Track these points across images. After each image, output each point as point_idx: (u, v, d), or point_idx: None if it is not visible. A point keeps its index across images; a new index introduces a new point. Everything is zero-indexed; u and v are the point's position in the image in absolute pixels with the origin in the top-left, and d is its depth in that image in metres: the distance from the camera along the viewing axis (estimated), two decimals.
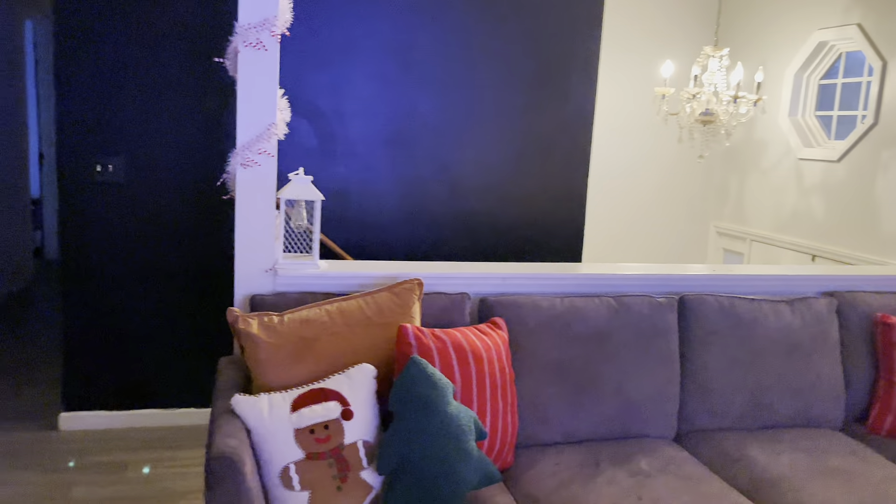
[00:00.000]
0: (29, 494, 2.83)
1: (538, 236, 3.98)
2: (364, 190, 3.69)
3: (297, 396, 1.89)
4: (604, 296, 2.57)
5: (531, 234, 3.96)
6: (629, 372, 2.49)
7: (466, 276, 2.55)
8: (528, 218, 3.94)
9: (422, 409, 1.89)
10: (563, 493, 2.09)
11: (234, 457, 1.63)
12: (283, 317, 2.08)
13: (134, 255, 3.41)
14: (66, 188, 3.30)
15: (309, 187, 2.39)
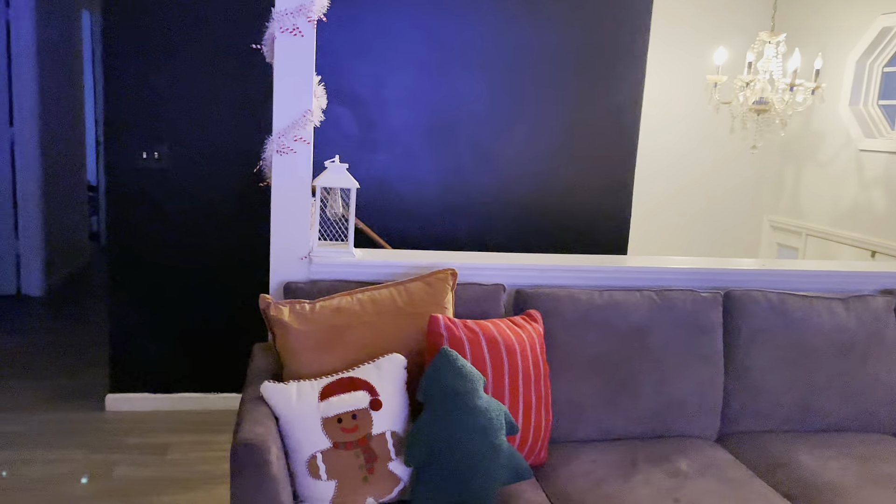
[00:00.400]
0: (74, 472, 2.91)
1: (582, 228, 3.89)
2: (405, 179, 3.66)
3: (326, 385, 1.87)
4: (645, 290, 2.49)
5: (575, 226, 3.88)
6: (670, 369, 2.41)
7: (503, 267, 2.50)
8: (572, 209, 3.86)
9: (451, 402, 1.86)
10: (598, 493, 2.03)
11: (259, 444, 1.63)
12: (315, 304, 2.07)
13: (179, 240, 3.47)
14: (114, 174, 3.37)
15: (344, 175, 2.38)
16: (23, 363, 4.07)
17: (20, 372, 3.94)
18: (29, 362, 4.08)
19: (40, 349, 4.31)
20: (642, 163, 4.41)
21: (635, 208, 4.43)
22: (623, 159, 3.87)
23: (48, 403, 3.55)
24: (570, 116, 3.78)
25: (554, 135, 3.78)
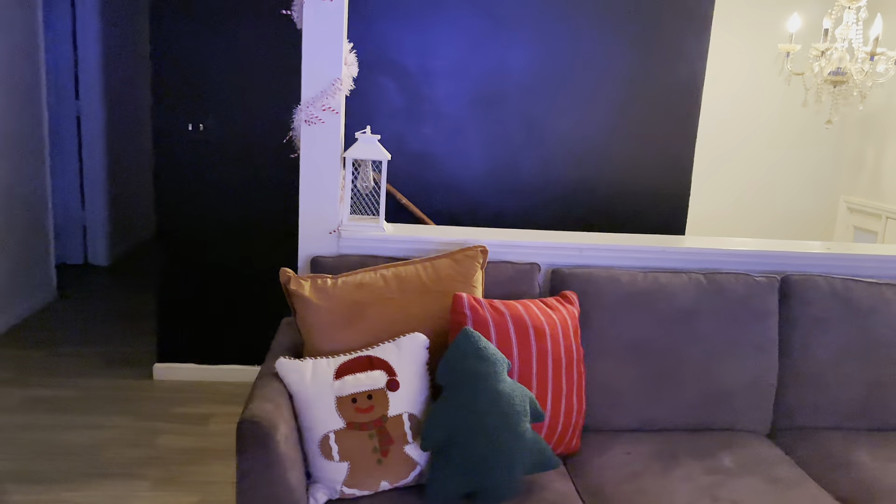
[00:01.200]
0: (117, 439, 2.97)
1: (637, 208, 3.70)
2: (451, 153, 3.56)
3: (343, 363, 1.81)
4: (693, 272, 2.32)
5: (629, 206, 3.70)
6: (718, 357, 2.24)
7: (540, 246, 2.38)
8: (626, 188, 3.68)
9: (471, 385, 1.76)
10: (630, 486, 1.91)
11: (265, 422, 1.58)
12: (337, 280, 2.00)
13: (224, 212, 3.47)
14: (161, 145, 3.39)
15: (375, 146, 2.29)
16: (81, 330, 4.19)
17: (78, 338, 4.06)
18: (87, 329, 4.21)
19: (99, 317, 4.44)
20: (705, 139, 4.17)
21: (697, 188, 4.20)
22: (682, 135, 3.65)
23: (100, 370, 3.64)
24: (625, 89, 3.59)
25: (608, 109, 3.59)
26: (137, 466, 2.76)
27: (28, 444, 2.87)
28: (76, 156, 5.64)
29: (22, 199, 4.33)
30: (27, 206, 4.40)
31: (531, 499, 1.81)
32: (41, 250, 4.63)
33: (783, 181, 4.77)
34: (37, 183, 4.53)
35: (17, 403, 3.22)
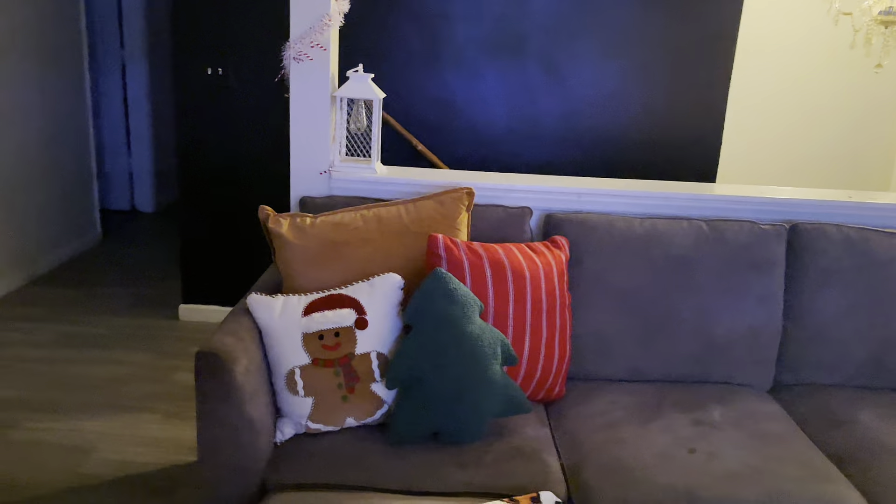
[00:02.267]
0: (137, 374, 3.08)
1: (665, 156, 3.55)
2: (470, 99, 3.47)
3: (313, 301, 1.81)
4: (695, 219, 2.21)
5: (657, 154, 3.55)
6: (716, 308, 2.15)
7: (536, 190, 2.31)
8: (653, 135, 3.53)
9: (439, 325, 1.74)
10: (606, 435, 1.86)
11: (223, 354, 1.60)
12: (316, 219, 1.99)
13: (244, 156, 3.50)
14: (181, 90, 3.43)
15: (367, 85, 2.25)
16: (118, 272, 4.35)
17: (114, 280, 4.22)
18: (124, 272, 4.37)
19: (136, 260, 4.59)
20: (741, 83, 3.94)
21: (734, 136, 4.00)
22: (715, 79, 3.46)
23: (130, 310, 3.78)
24: (654, 31, 3.41)
25: (634, 52, 3.42)
26: (151, 400, 2.87)
27: (52, 376, 3.01)
28: (122, 105, 5.79)
29: (67, 145, 4.47)
30: (72, 153, 4.55)
31: (499, 442, 1.79)
32: (86, 195, 4.80)
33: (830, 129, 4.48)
34: (80, 130, 4.67)
35: (48, 339, 3.38)
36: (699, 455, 1.78)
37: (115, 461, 2.45)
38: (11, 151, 3.93)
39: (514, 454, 1.75)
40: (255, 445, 1.64)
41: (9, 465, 2.39)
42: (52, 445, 2.52)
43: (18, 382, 2.94)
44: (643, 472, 1.70)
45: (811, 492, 1.66)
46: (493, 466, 1.70)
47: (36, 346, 3.28)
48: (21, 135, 4.01)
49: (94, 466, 2.42)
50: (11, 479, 2.33)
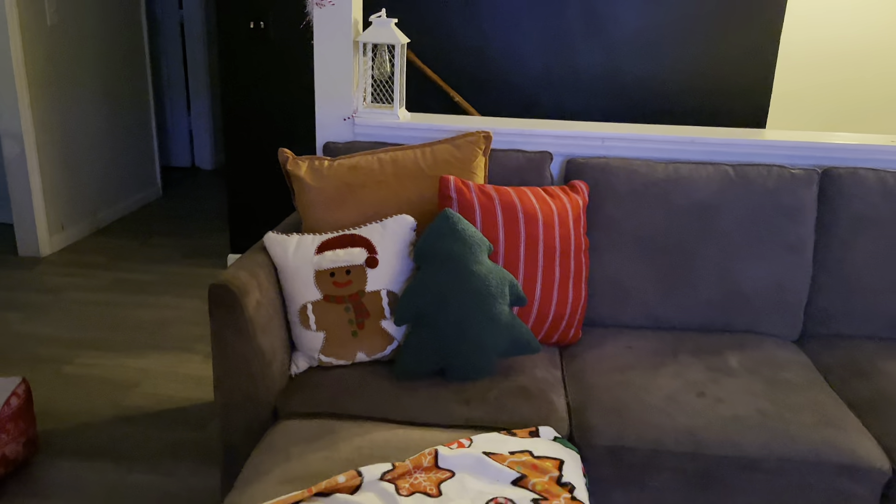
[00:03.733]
0: (182, 318, 3.23)
1: (710, 106, 3.43)
2: (506, 47, 3.43)
3: (326, 240, 1.86)
4: (722, 164, 2.15)
5: (702, 103, 3.43)
6: (739, 256, 2.09)
7: (559, 135, 2.28)
8: (698, 83, 3.41)
9: (445, 265, 1.76)
10: (616, 377, 1.86)
11: (235, 287, 1.66)
12: (333, 162, 2.03)
13: (283, 108, 3.57)
14: (225, 44, 3.51)
15: (390, 30, 2.26)
16: (174, 225, 4.54)
17: (169, 231, 4.40)
18: (179, 224, 4.55)
19: (192, 214, 4.77)
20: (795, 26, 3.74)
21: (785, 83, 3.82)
22: (765, 22, 3.31)
23: (181, 259, 3.95)
24: None
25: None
26: (193, 342, 3.01)
27: (105, 318, 3.19)
28: (182, 64, 5.96)
29: (129, 105, 4.65)
30: (134, 112, 4.73)
31: (507, 380, 1.81)
32: (147, 153, 5.00)
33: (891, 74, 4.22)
34: (141, 90, 4.84)
35: (105, 284, 3.57)
36: (707, 399, 1.76)
37: (156, 396, 2.60)
38: (76, 115, 4.12)
39: (519, 392, 1.77)
40: (265, 375, 1.72)
41: (61, 397, 2.57)
42: (100, 380, 2.69)
43: (74, 323, 3.13)
44: (646, 413, 1.70)
45: (819, 437, 1.63)
46: (497, 403, 1.73)
47: (92, 291, 3.47)
48: (86, 97, 4.19)
49: (136, 400, 2.57)
50: (64, 407, 2.50)
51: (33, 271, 3.69)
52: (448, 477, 1.42)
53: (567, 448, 1.58)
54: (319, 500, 1.33)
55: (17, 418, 2.08)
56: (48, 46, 3.85)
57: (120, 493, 2.08)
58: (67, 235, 4.11)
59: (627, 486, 1.67)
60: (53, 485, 2.11)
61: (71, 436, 2.34)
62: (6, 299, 3.34)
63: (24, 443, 2.11)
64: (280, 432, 1.60)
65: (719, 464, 1.63)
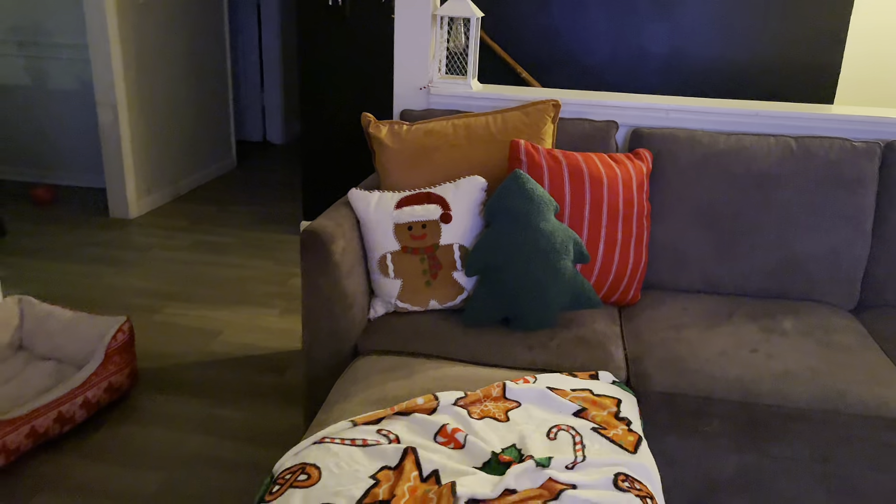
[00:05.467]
0: (256, 277, 3.46)
1: (776, 86, 3.46)
2: (574, 27, 3.51)
3: (404, 197, 2.01)
4: (784, 136, 2.22)
5: (770, 82, 3.46)
6: (797, 225, 2.16)
7: (625, 106, 2.38)
8: (766, 63, 3.43)
9: (513, 221, 1.90)
10: (671, 334, 1.97)
11: (322, 234, 1.84)
12: (412, 126, 2.18)
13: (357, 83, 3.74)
14: (304, 21, 3.70)
15: (466, 4, 2.39)
16: (248, 193, 4.79)
17: (244, 199, 4.65)
18: (253, 193, 4.80)
19: (264, 184, 5.02)
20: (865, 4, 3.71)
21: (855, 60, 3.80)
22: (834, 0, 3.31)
23: (256, 224, 4.18)
24: None
25: None
26: (270, 298, 3.22)
27: (188, 275, 3.44)
28: (257, 43, 6.21)
29: (208, 82, 4.91)
30: (212, 89, 4.99)
31: (567, 331, 1.94)
32: (224, 127, 5.26)
33: None
34: (219, 68, 5.09)
35: (187, 244, 3.83)
36: (760, 355, 1.85)
37: (238, 344, 2.81)
38: (162, 88, 4.39)
39: (580, 342, 1.90)
40: (348, 316, 1.89)
41: (154, 341, 2.81)
42: (187, 328, 2.92)
43: (160, 277, 3.39)
44: (700, 365, 1.80)
45: (868, 393, 1.71)
46: (558, 350, 1.86)
47: (176, 251, 3.73)
48: (170, 71, 4.45)
49: (220, 346, 2.79)
50: (157, 350, 2.74)
51: (123, 231, 3.98)
52: (515, 406, 1.56)
53: (624, 391, 1.70)
54: (400, 418, 1.49)
55: (122, 352, 2.31)
56: (139, 24, 4.12)
57: (209, 425, 2.29)
58: (152, 200, 4.39)
59: (681, 432, 1.78)
60: (151, 414, 2.34)
61: (164, 374, 2.57)
62: (101, 255, 3.62)
63: (127, 374, 2.34)
64: (361, 365, 1.77)
65: (768, 413, 1.73)
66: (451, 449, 1.41)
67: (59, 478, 2.02)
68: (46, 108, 4.64)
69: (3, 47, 4.49)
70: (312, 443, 1.42)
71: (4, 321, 2.42)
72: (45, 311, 2.47)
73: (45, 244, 3.73)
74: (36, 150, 4.75)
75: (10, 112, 4.67)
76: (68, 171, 4.76)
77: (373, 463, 1.35)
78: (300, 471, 1.34)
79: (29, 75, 4.55)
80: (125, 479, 2.03)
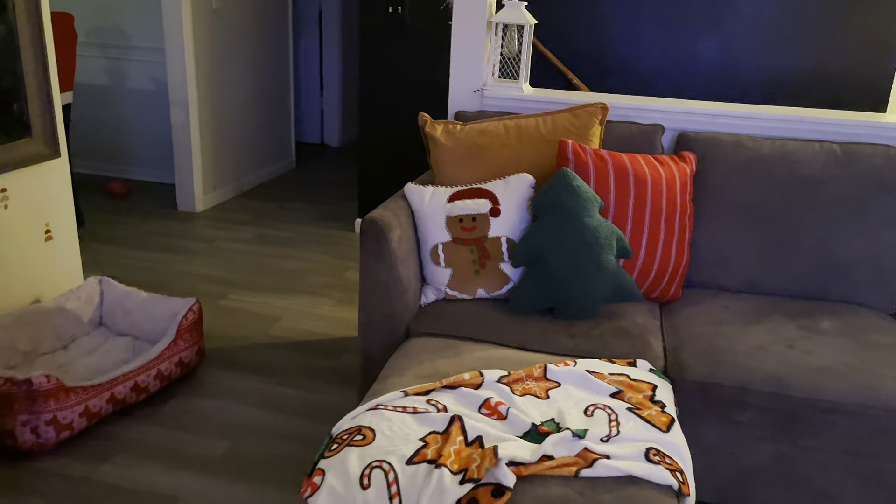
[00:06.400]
0: (316, 269, 3.64)
1: (829, 95, 3.48)
2: (625, 34, 3.60)
3: (456, 191, 2.14)
4: (829, 142, 2.27)
5: (821, 92, 3.48)
6: (839, 229, 2.21)
7: (672, 110, 2.46)
8: (818, 73, 3.46)
9: (559, 215, 2.01)
10: (710, 329, 2.04)
11: (381, 222, 1.98)
12: (465, 126, 2.32)
13: (413, 88, 3.90)
14: (366, 28, 3.87)
15: (520, 11, 2.51)
16: (307, 192, 5.00)
17: (303, 197, 4.86)
18: (311, 191, 5.00)
19: (322, 183, 5.22)
20: None
21: None
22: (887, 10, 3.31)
23: (314, 221, 4.38)
24: None
25: None
26: (327, 289, 3.39)
27: (251, 265, 3.64)
28: (318, 49, 6.45)
29: (271, 87, 5.15)
30: (275, 93, 5.23)
31: (609, 322, 2.03)
32: (285, 129, 5.50)
33: None
34: (282, 73, 5.33)
35: (250, 237, 4.04)
36: (796, 350, 1.92)
37: (296, 329, 2.98)
38: (228, 92, 4.63)
39: (620, 333, 1.99)
40: (401, 300, 2.03)
41: (220, 323, 3.00)
42: (249, 313, 3.11)
43: (225, 266, 3.60)
44: (737, 358, 1.88)
45: None
46: (600, 339, 1.96)
47: (239, 242, 3.95)
48: (237, 75, 4.69)
49: (279, 331, 2.96)
50: (222, 331, 2.93)
51: (190, 223, 4.22)
52: (555, 386, 1.67)
53: (661, 378, 1.79)
54: (447, 391, 1.61)
55: (192, 330, 2.50)
56: (211, 29, 4.36)
57: (270, 400, 2.46)
58: (217, 195, 4.63)
59: (716, 421, 1.86)
60: (216, 388, 2.52)
61: (228, 353, 2.76)
62: (170, 245, 3.86)
63: (195, 351, 2.53)
64: (413, 344, 1.90)
65: (802, 405, 1.79)
66: (494, 420, 1.53)
67: (134, 441, 2.21)
68: (123, 108, 4.94)
69: (86, 49, 4.80)
70: (368, 409, 1.55)
71: (88, 299, 2.64)
72: (123, 291, 2.68)
73: (119, 233, 3.99)
74: (113, 147, 5.05)
75: (91, 110, 4.98)
76: (141, 167, 5.06)
77: (422, 428, 1.48)
78: (356, 432, 1.48)
79: (109, 76, 4.86)
80: (193, 444, 2.21)
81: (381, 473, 1.36)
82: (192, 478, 2.06)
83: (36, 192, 2.54)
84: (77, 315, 2.58)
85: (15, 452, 2.12)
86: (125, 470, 2.08)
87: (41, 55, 2.43)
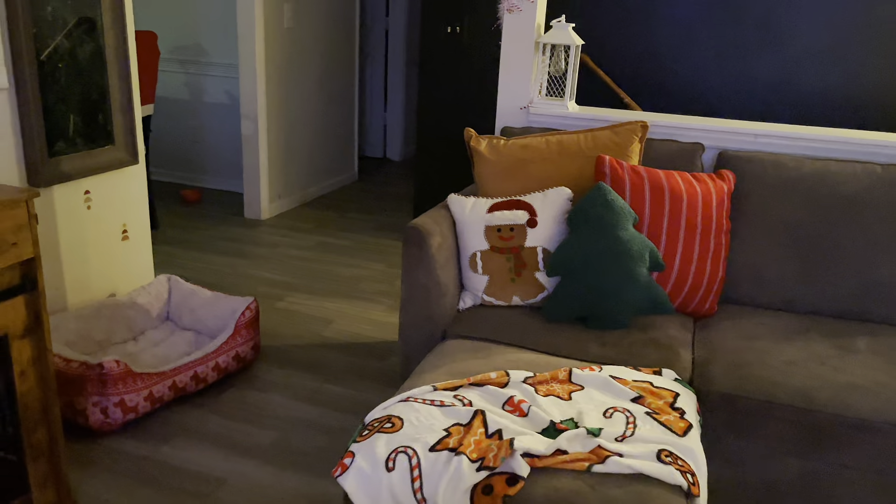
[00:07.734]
0: (371, 277, 3.79)
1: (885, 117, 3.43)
2: (680, 55, 3.65)
3: (496, 202, 2.25)
4: (871, 163, 2.28)
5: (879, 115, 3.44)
6: (881, 249, 2.21)
7: (713, 129, 2.51)
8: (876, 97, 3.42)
9: (594, 228, 2.09)
10: (743, 344, 2.08)
11: (423, 229, 2.10)
12: (509, 141, 2.42)
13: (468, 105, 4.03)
14: (425, 47, 4.04)
15: (567, 32, 2.61)
16: (366, 203, 5.19)
17: (362, 208, 5.05)
18: (370, 203, 5.19)
19: (381, 196, 5.41)
20: None
21: None
22: None
23: (371, 231, 4.55)
24: None
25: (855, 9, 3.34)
26: (379, 296, 3.54)
27: (309, 270, 3.82)
28: (383, 67, 6.68)
29: (337, 103, 5.39)
30: (340, 108, 5.46)
31: (641, 333, 2.09)
32: (348, 143, 5.72)
33: None
34: (348, 89, 5.56)
35: (311, 244, 4.24)
36: (827, 367, 1.93)
37: (348, 332, 3.14)
38: (296, 105, 4.88)
39: (651, 343, 2.05)
40: (440, 304, 2.14)
41: (276, 323, 3.19)
42: (304, 315, 3.28)
43: (285, 271, 3.79)
44: (765, 371, 1.91)
45: None
46: (630, 349, 2.02)
47: (300, 249, 4.15)
48: (305, 90, 4.94)
49: (332, 333, 3.12)
50: (278, 331, 3.11)
51: (256, 230, 4.45)
52: (578, 389, 1.75)
53: (685, 387, 1.84)
54: (474, 388, 1.72)
55: (249, 327, 2.67)
56: (282, 45, 4.62)
57: (319, 396, 2.61)
58: (281, 204, 4.87)
59: (740, 433, 1.90)
60: (269, 383, 2.68)
61: (282, 351, 2.93)
62: (237, 249, 4.09)
63: (251, 347, 2.70)
64: (448, 345, 2.01)
65: (830, 421, 1.81)
66: (516, 416, 1.62)
67: (192, 426, 2.39)
68: (200, 120, 5.25)
69: (168, 65, 5.14)
70: (399, 400, 1.67)
71: (157, 296, 2.86)
72: (189, 289, 2.88)
73: (189, 237, 4.25)
74: (188, 157, 5.37)
75: (171, 122, 5.32)
76: (213, 176, 5.36)
77: (447, 419, 1.59)
78: (386, 420, 1.59)
79: (188, 90, 5.18)
80: (244, 432, 2.37)
81: (406, 458, 1.48)
82: (242, 463, 2.22)
83: (115, 195, 2.78)
84: (147, 310, 2.79)
85: (86, 430, 2.32)
86: (181, 451, 2.26)
87: (125, 71, 2.67)
